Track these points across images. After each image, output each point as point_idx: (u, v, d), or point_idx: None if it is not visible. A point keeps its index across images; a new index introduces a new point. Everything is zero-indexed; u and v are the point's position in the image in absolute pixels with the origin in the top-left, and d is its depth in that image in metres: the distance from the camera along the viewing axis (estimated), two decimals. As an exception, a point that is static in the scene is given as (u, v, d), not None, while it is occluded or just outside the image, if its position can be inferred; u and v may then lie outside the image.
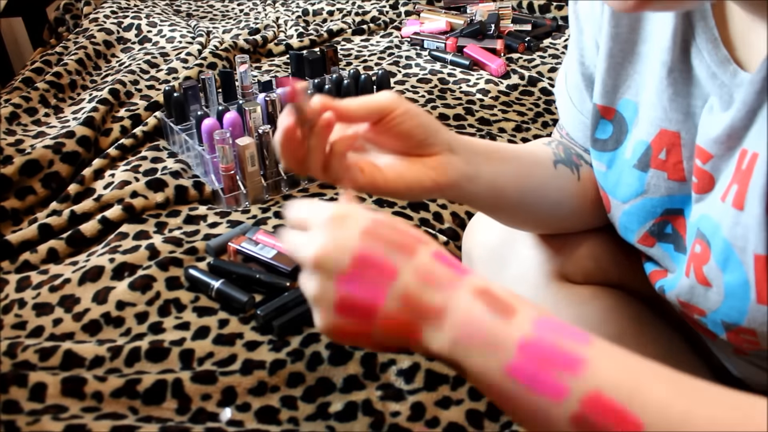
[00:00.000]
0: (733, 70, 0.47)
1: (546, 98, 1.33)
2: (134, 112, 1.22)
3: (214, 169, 1.03)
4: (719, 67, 0.48)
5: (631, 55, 0.57)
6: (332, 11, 1.79)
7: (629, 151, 0.58)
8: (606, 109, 0.60)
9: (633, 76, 0.57)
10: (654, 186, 0.56)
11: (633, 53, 0.57)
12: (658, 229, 0.58)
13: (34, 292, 0.82)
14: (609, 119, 0.60)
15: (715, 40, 0.49)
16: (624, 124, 0.59)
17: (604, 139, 0.61)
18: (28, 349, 0.72)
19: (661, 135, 0.55)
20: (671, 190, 0.55)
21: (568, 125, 0.68)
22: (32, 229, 0.93)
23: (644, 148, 0.56)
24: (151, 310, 0.79)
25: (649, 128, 0.55)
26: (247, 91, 1.25)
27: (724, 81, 0.48)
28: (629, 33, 0.57)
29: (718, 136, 0.48)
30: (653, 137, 0.55)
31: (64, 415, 0.65)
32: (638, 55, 0.57)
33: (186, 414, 0.67)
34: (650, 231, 0.58)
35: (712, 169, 0.50)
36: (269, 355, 0.73)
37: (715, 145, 0.49)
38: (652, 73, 0.55)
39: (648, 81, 0.55)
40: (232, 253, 0.87)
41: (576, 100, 0.66)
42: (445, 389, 0.70)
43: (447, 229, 1.00)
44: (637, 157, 0.57)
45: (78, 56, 1.42)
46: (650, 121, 0.55)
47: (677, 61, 0.52)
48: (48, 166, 1.04)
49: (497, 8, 1.64)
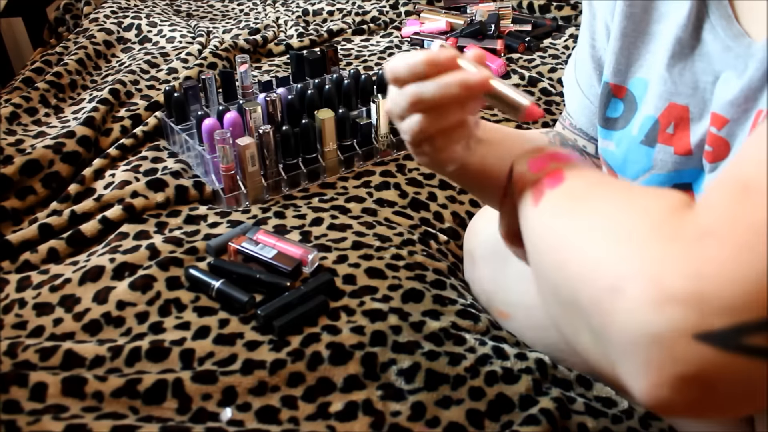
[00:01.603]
0: (747, 43, 0.50)
1: (546, 98, 1.33)
2: (134, 112, 1.22)
3: (214, 169, 1.03)
4: (734, 40, 0.51)
5: (644, 34, 0.59)
6: (332, 11, 1.79)
7: (636, 127, 0.59)
8: (618, 88, 0.61)
9: (645, 55, 0.59)
10: (661, 161, 0.57)
11: (646, 33, 0.59)
12: None
13: (34, 291, 0.82)
14: (620, 98, 0.61)
15: (729, 16, 0.51)
16: (634, 102, 0.60)
17: (615, 118, 0.62)
18: (28, 349, 0.72)
19: (669, 108, 0.56)
20: (678, 165, 0.56)
21: (574, 113, 0.70)
22: (32, 229, 0.93)
23: (652, 123, 0.58)
24: (151, 310, 0.79)
25: (658, 102, 0.57)
26: (247, 91, 1.25)
27: (739, 53, 0.51)
28: (643, 12, 0.58)
29: (735, 98, 0.50)
30: (661, 111, 0.57)
31: (64, 414, 0.65)
32: (651, 34, 0.58)
33: (186, 414, 0.67)
34: None
35: (728, 134, 0.51)
36: (269, 354, 0.73)
37: (732, 108, 0.51)
38: (663, 50, 0.56)
39: (658, 58, 0.57)
40: (233, 253, 0.87)
41: (584, 86, 0.67)
42: (446, 389, 0.70)
43: (447, 228, 1.00)
44: (645, 133, 0.58)
45: (78, 56, 1.42)
46: (659, 95, 0.57)
47: (690, 37, 0.54)
48: (48, 166, 1.04)
49: (497, 8, 1.64)
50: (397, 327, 0.76)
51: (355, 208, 0.99)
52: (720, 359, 0.31)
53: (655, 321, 0.32)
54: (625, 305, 0.34)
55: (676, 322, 0.32)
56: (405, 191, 1.04)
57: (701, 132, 0.54)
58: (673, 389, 0.33)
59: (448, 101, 0.47)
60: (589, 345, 0.38)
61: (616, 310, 0.34)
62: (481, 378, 0.71)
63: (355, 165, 1.11)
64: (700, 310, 0.32)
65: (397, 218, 0.98)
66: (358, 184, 1.05)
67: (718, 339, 0.31)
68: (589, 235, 0.39)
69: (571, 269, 0.39)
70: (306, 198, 1.03)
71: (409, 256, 0.88)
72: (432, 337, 0.75)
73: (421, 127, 0.49)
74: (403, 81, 0.48)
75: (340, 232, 0.93)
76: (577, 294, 0.37)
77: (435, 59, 0.47)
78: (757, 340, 0.31)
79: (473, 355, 0.73)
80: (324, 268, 0.85)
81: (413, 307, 0.79)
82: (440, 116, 0.48)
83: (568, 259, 0.39)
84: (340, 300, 0.80)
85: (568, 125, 0.71)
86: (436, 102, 0.47)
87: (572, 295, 0.38)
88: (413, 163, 1.11)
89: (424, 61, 0.47)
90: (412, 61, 0.47)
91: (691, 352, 0.32)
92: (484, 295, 0.84)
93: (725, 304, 0.31)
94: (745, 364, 0.31)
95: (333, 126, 1.05)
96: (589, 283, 0.36)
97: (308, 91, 1.10)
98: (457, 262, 0.95)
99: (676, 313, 0.32)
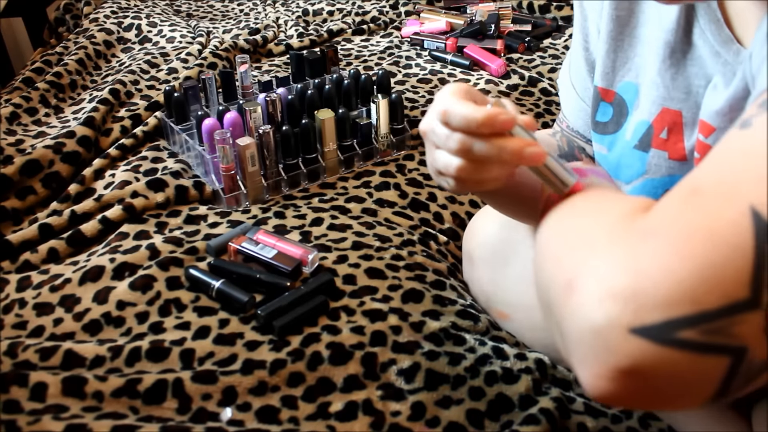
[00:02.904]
0: (736, 50, 0.50)
1: (546, 99, 1.33)
2: (134, 112, 1.22)
3: (214, 169, 1.03)
4: (722, 46, 0.50)
5: (630, 37, 0.58)
6: (332, 11, 1.79)
7: (629, 132, 0.59)
8: (606, 92, 0.61)
9: (633, 59, 0.59)
10: (655, 166, 0.57)
11: (633, 36, 0.58)
12: None
13: (34, 291, 0.82)
14: (609, 102, 0.61)
15: (718, 20, 0.51)
16: (624, 106, 0.60)
17: (604, 122, 0.62)
18: (28, 349, 0.72)
19: (663, 114, 0.56)
20: (672, 170, 0.56)
21: (570, 115, 0.69)
22: (33, 229, 0.93)
23: (645, 128, 0.57)
24: (151, 310, 0.79)
25: (651, 108, 0.57)
26: (247, 91, 1.25)
27: (728, 59, 0.50)
28: (629, 16, 0.58)
29: (721, 108, 0.50)
30: (655, 116, 0.56)
31: (64, 414, 0.65)
32: (638, 38, 0.58)
33: (186, 413, 0.67)
34: None
35: (715, 142, 0.51)
36: (269, 354, 0.73)
37: (718, 117, 0.50)
38: (654, 54, 0.56)
39: (649, 62, 0.57)
40: (233, 253, 0.87)
41: (579, 87, 0.67)
42: (446, 389, 0.70)
43: (447, 229, 1.00)
44: (638, 138, 0.58)
45: (78, 56, 1.42)
46: (652, 100, 0.56)
47: (680, 41, 0.54)
48: (48, 166, 1.05)
49: (497, 8, 1.64)
50: (397, 327, 0.76)
51: (355, 208, 0.99)
52: (654, 352, 0.33)
53: (596, 315, 0.34)
54: (575, 301, 0.36)
55: (613, 316, 0.34)
56: (405, 191, 1.04)
57: (695, 137, 0.54)
58: (612, 381, 0.34)
59: (494, 162, 0.47)
60: (558, 341, 0.40)
61: (568, 305, 0.36)
62: (481, 378, 0.71)
63: (355, 165, 1.11)
64: (635, 305, 0.33)
65: (397, 218, 0.98)
66: (358, 185, 1.06)
67: (651, 333, 0.33)
68: (560, 241, 0.42)
69: (544, 274, 0.42)
70: (306, 198, 1.03)
71: (409, 256, 0.88)
72: (432, 337, 0.75)
73: (458, 173, 0.49)
74: (454, 129, 0.47)
75: (340, 232, 0.93)
76: (548, 294, 0.40)
77: (493, 124, 0.45)
78: (688, 334, 0.33)
79: (473, 355, 0.73)
80: (324, 268, 0.85)
81: (413, 307, 0.80)
82: (482, 170, 0.48)
83: (542, 267, 0.42)
84: (340, 300, 0.80)
85: (565, 127, 0.71)
86: (483, 160, 0.47)
87: (546, 296, 0.41)
88: (413, 164, 1.11)
89: (482, 123, 0.45)
90: (470, 117, 0.46)
91: (627, 345, 0.33)
92: (483, 295, 0.84)
93: (659, 299, 0.33)
94: (678, 357, 0.33)
95: (333, 126, 1.05)
96: (554, 283, 0.39)
97: (308, 91, 1.10)
98: (456, 262, 0.95)
99: (613, 308, 0.34)
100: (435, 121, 0.50)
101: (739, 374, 0.34)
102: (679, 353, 0.33)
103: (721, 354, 0.33)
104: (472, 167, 0.48)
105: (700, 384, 0.34)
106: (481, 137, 0.46)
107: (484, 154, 0.46)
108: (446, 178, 0.51)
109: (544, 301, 0.42)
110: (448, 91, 0.49)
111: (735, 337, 0.33)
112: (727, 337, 0.33)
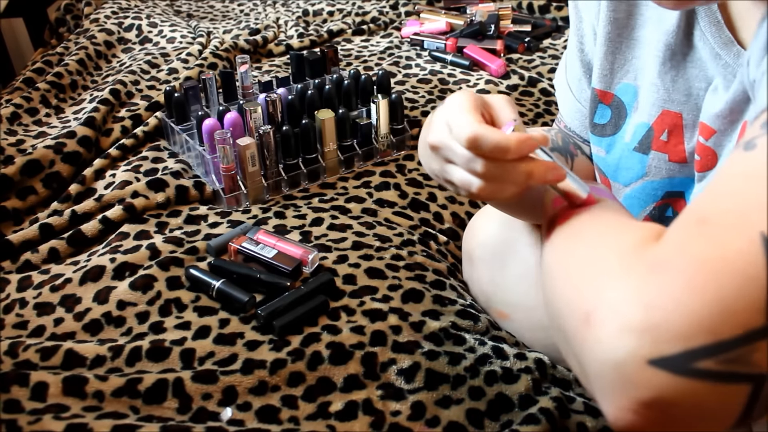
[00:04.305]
0: (736, 51, 0.49)
1: (546, 99, 1.33)
2: (135, 112, 1.22)
3: (214, 169, 1.03)
4: (723, 48, 0.50)
5: (629, 39, 0.58)
6: (332, 12, 1.79)
7: (629, 134, 0.59)
8: (604, 94, 0.61)
9: (631, 60, 0.58)
10: (655, 168, 0.57)
11: (631, 38, 0.58)
12: (658, 213, 0.59)
13: (35, 291, 0.83)
14: (607, 104, 0.61)
15: (719, 23, 0.51)
16: (623, 108, 0.60)
17: (602, 124, 0.62)
18: (29, 349, 0.72)
19: (663, 116, 0.56)
20: (672, 172, 0.56)
21: (566, 116, 0.69)
22: (33, 229, 0.93)
23: (645, 130, 0.57)
24: (151, 310, 0.79)
25: (651, 110, 0.57)
26: (247, 92, 1.25)
27: (728, 61, 0.50)
28: (627, 18, 0.58)
29: (721, 110, 0.50)
30: (655, 119, 0.56)
31: (65, 414, 0.65)
32: (636, 40, 0.58)
33: (187, 413, 0.67)
34: (651, 215, 0.59)
35: (715, 144, 0.51)
36: (270, 354, 0.73)
37: (718, 119, 0.50)
38: (654, 56, 0.56)
39: (648, 64, 0.57)
40: (233, 253, 0.88)
41: (575, 89, 0.67)
42: (446, 388, 0.70)
43: (447, 229, 1.00)
44: (638, 140, 0.58)
45: (79, 56, 1.43)
46: (652, 102, 0.56)
47: (681, 43, 0.53)
48: (49, 166, 1.05)
49: (497, 9, 1.64)
50: (397, 327, 0.76)
51: (355, 208, 1.00)
52: (674, 383, 0.33)
53: (615, 349, 0.35)
54: (594, 335, 0.36)
55: (633, 349, 0.34)
56: (405, 192, 1.04)
57: (695, 139, 0.54)
58: (635, 413, 0.35)
59: (512, 181, 0.47)
60: (576, 369, 0.41)
61: (587, 339, 0.37)
62: (481, 378, 0.71)
63: (355, 165, 1.11)
64: (652, 338, 0.34)
65: (397, 218, 0.99)
66: (358, 185, 1.06)
67: (670, 364, 0.33)
68: (572, 271, 0.42)
69: (560, 301, 0.42)
70: (306, 198, 1.03)
71: (409, 256, 0.88)
72: (432, 337, 0.76)
73: (479, 192, 0.49)
74: (481, 154, 0.47)
75: (340, 232, 0.93)
76: (563, 323, 0.41)
77: (521, 150, 0.45)
78: (707, 364, 0.33)
79: (473, 355, 0.73)
80: (324, 268, 0.86)
81: (413, 307, 0.80)
82: (503, 189, 0.48)
83: (556, 292, 0.43)
84: (340, 300, 0.80)
85: (563, 127, 0.71)
86: (501, 179, 0.47)
87: (560, 323, 0.41)
88: (413, 164, 1.11)
89: (512, 151, 0.45)
90: (503, 145, 0.45)
91: (647, 377, 0.34)
92: (483, 295, 0.84)
93: (675, 331, 0.33)
94: (698, 387, 0.33)
95: (333, 126, 1.05)
96: (569, 315, 0.39)
97: (308, 92, 1.11)
98: (456, 262, 0.95)
99: (632, 341, 0.34)
100: (449, 139, 0.48)
101: (760, 400, 0.34)
102: (699, 383, 0.33)
103: (740, 382, 0.33)
104: (494, 187, 0.48)
105: (722, 412, 0.34)
106: (505, 160, 0.46)
107: (511, 179, 0.47)
108: (458, 188, 0.51)
109: (555, 322, 0.43)
110: (460, 107, 0.48)
111: (753, 365, 0.33)
112: (745, 366, 0.33)
